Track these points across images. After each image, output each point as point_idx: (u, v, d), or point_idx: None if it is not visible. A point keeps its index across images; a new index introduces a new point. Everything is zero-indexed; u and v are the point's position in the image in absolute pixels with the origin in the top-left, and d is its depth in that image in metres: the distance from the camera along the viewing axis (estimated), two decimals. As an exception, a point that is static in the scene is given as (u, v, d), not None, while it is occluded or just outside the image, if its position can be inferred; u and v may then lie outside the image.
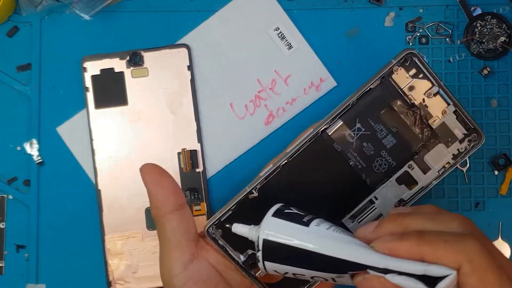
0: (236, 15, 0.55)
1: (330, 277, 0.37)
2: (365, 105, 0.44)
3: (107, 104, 0.54)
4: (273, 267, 0.38)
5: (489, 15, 0.54)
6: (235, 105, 0.55)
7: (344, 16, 0.55)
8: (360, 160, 0.45)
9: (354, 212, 0.46)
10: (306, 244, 0.37)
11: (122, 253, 0.54)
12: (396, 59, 0.44)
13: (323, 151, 0.45)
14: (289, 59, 0.54)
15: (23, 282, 0.54)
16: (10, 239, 0.54)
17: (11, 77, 0.55)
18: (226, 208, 0.44)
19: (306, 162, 0.45)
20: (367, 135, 0.44)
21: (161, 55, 0.54)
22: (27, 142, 0.55)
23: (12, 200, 0.54)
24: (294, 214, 0.39)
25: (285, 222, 0.38)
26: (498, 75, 0.55)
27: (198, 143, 0.54)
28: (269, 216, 0.39)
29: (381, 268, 0.35)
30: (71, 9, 0.53)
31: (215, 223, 0.44)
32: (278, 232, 0.38)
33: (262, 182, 0.45)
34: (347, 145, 0.45)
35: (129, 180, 0.54)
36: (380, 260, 0.35)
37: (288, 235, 0.37)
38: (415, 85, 0.45)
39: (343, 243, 0.37)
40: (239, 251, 0.44)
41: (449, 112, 0.45)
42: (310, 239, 0.37)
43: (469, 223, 0.37)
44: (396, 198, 0.46)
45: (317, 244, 0.36)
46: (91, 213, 0.54)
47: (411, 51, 0.44)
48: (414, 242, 0.35)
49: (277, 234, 0.38)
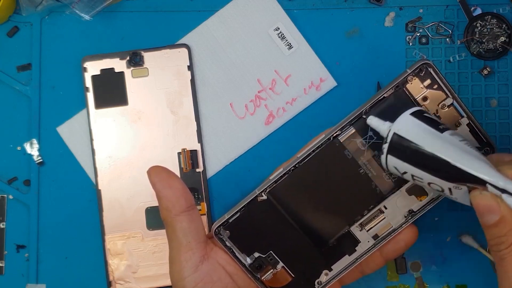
0: (236, 15, 0.55)
1: (447, 186, 0.38)
2: (378, 114, 0.44)
3: (107, 104, 0.54)
4: (395, 163, 0.39)
5: (489, 15, 0.54)
6: (235, 105, 0.55)
7: (344, 16, 0.55)
8: (371, 168, 0.45)
9: (363, 220, 0.46)
10: (435, 148, 0.37)
11: (122, 253, 0.54)
12: (411, 69, 0.44)
13: (334, 157, 0.45)
14: (289, 59, 0.54)
15: (23, 282, 0.54)
16: (10, 239, 0.54)
17: (11, 77, 0.55)
18: (235, 209, 0.44)
19: (317, 167, 0.45)
20: (378, 144, 0.44)
21: (161, 55, 0.54)
22: (27, 142, 0.55)
23: (12, 200, 0.54)
24: (431, 119, 0.39)
25: (420, 122, 0.38)
26: (498, 75, 0.55)
27: (198, 143, 0.54)
28: (407, 114, 0.39)
29: (500, 188, 0.35)
30: (71, 9, 0.53)
31: (223, 224, 0.44)
32: (411, 129, 0.38)
33: (272, 186, 0.45)
34: (358, 153, 0.45)
35: (129, 180, 0.54)
36: (502, 180, 0.36)
37: (420, 136, 0.38)
38: (429, 96, 0.45)
39: (471, 156, 0.37)
40: (246, 254, 0.44)
41: (462, 125, 0.45)
42: (440, 145, 0.37)
43: None
44: (405, 208, 0.45)
45: (446, 151, 0.37)
46: (91, 213, 0.54)
47: (426, 62, 0.44)
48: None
49: (410, 131, 0.38)
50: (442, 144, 0.37)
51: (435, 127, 0.38)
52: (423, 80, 0.44)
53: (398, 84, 0.44)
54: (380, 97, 0.44)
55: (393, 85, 0.44)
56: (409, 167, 0.38)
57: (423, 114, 0.39)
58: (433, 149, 0.37)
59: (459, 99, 0.44)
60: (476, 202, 0.37)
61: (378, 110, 0.43)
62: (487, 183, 0.36)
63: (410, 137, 0.38)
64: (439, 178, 0.38)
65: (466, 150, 0.38)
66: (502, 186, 0.35)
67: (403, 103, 0.44)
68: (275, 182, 0.44)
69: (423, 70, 0.44)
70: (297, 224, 0.45)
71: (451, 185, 0.38)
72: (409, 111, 0.39)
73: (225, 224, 0.44)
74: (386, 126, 0.40)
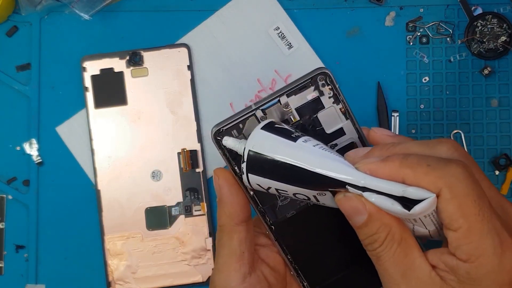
0: (236, 15, 0.55)
1: (312, 194, 0.37)
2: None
3: (107, 104, 0.54)
4: (257, 180, 0.38)
5: (490, 15, 0.54)
6: (235, 105, 0.54)
7: (344, 15, 0.55)
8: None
9: None
10: (289, 157, 0.36)
11: (122, 254, 0.53)
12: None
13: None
14: (289, 59, 0.54)
15: (23, 282, 0.54)
16: (10, 239, 0.54)
17: (10, 77, 0.55)
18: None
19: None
20: None
21: (161, 54, 0.54)
22: (27, 142, 0.54)
23: (11, 200, 0.54)
24: (284, 129, 0.38)
25: (273, 135, 0.37)
26: (499, 74, 0.54)
27: (198, 143, 0.54)
28: (258, 129, 0.38)
29: (360, 187, 0.34)
30: (70, 8, 0.53)
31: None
32: (263, 144, 0.37)
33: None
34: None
35: (128, 180, 0.54)
36: (360, 178, 0.34)
37: (273, 148, 0.37)
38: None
39: (326, 159, 0.36)
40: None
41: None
42: (294, 153, 0.36)
43: (458, 148, 0.36)
44: None
45: (300, 158, 0.36)
46: (91, 213, 0.54)
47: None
48: (397, 164, 0.34)
49: (262, 146, 0.37)
50: (296, 152, 0.36)
51: (287, 137, 0.37)
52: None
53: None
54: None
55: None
56: (270, 182, 0.37)
57: (274, 126, 0.38)
58: (287, 159, 0.36)
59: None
60: (341, 205, 0.35)
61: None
62: (346, 184, 0.35)
63: (265, 151, 0.37)
64: (301, 188, 0.36)
65: (322, 154, 0.36)
66: (362, 184, 0.34)
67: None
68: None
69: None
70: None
71: (315, 192, 0.36)
72: (260, 125, 0.38)
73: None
74: (242, 144, 0.39)
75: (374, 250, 0.35)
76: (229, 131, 0.40)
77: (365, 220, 0.35)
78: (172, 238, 0.54)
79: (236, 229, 0.41)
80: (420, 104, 0.54)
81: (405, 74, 0.55)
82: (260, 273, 0.42)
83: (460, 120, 0.54)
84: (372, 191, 0.34)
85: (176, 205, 0.54)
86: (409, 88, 0.55)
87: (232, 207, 0.41)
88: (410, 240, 0.35)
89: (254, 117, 0.40)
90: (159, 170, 0.54)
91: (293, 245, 0.42)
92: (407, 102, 0.55)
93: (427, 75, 0.55)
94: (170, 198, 0.54)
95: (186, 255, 0.54)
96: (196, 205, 0.54)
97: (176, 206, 0.54)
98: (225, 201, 0.41)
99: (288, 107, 0.40)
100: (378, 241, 0.35)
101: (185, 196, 0.54)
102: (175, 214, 0.54)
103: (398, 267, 0.35)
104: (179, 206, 0.54)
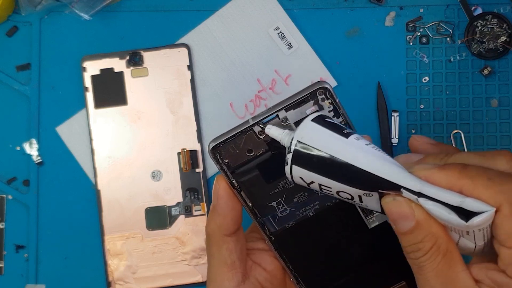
0: (236, 15, 0.55)
1: (357, 194, 0.35)
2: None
3: (107, 104, 0.54)
4: (301, 173, 0.36)
5: (490, 15, 0.54)
6: (235, 105, 0.54)
7: (344, 15, 0.55)
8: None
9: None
10: (341, 154, 0.34)
11: (122, 254, 0.53)
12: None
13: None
14: (289, 59, 0.54)
15: (23, 282, 0.54)
16: (10, 239, 0.54)
17: (10, 77, 0.55)
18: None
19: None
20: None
21: (161, 55, 0.54)
22: (27, 142, 0.54)
23: (11, 200, 0.54)
24: (335, 124, 0.36)
25: (324, 129, 0.35)
26: (499, 74, 0.54)
27: (198, 143, 0.54)
28: (308, 120, 0.36)
29: (416, 192, 0.33)
30: (70, 8, 0.53)
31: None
32: (314, 137, 0.35)
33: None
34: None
35: (128, 180, 0.54)
36: (417, 183, 0.33)
37: (325, 142, 0.35)
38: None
39: (380, 160, 0.34)
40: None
41: None
42: (347, 150, 0.34)
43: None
44: None
45: (353, 156, 0.34)
46: (91, 213, 0.54)
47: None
48: (456, 173, 0.33)
49: (312, 139, 0.35)
50: (350, 149, 0.34)
51: (340, 132, 0.35)
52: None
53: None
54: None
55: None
56: (316, 177, 0.35)
57: (326, 119, 0.36)
58: (340, 155, 0.34)
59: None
60: (388, 209, 0.34)
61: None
62: (402, 188, 0.33)
63: (315, 144, 0.35)
64: (349, 186, 0.35)
65: (375, 154, 0.35)
66: (418, 189, 0.33)
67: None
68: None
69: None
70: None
71: (362, 192, 0.35)
72: (310, 117, 0.36)
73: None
74: (287, 135, 0.37)
75: (416, 258, 0.35)
76: (230, 145, 0.39)
77: (412, 227, 0.34)
78: (172, 238, 0.54)
79: (225, 239, 0.40)
80: (420, 104, 0.54)
81: (405, 74, 0.55)
82: (255, 280, 0.42)
83: (460, 120, 0.54)
84: (427, 197, 0.33)
85: (176, 205, 0.54)
86: (409, 88, 0.55)
87: (224, 220, 0.40)
88: (455, 252, 0.34)
89: (252, 132, 0.39)
90: (159, 170, 0.54)
91: (293, 254, 0.42)
92: (407, 102, 0.55)
93: (427, 75, 0.55)
94: (170, 198, 0.54)
95: (186, 255, 0.54)
96: (196, 205, 0.54)
97: (176, 206, 0.54)
98: (219, 212, 0.40)
99: (287, 122, 0.39)
100: (422, 250, 0.34)
101: (185, 196, 0.54)
102: (175, 214, 0.54)
103: (441, 279, 0.34)
104: (179, 206, 0.54)
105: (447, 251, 0.34)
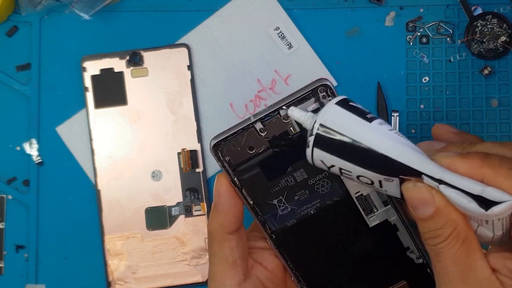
0: (236, 15, 0.55)
1: (378, 179, 0.35)
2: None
3: (107, 104, 0.54)
4: (322, 156, 0.36)
5: (490, 15, 0.54)
6: (235, 105, 0.54)
7: (344, 15, 0.55)
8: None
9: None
10: (364, 139, 0.34)
11: (122, 254, 0.54)
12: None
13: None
14: (289, 59, 0.54)
15: (23, 282, 0.54)
16: (10, 239, 0.54)
17: (10, 77, 0.55)
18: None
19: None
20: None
21: (161, 55, 0.54)
22: (27, 142, 0.54)
23: (11, 200, 0.54)
24: (358, 108, 0.36)
25: (348, 112, 0.35)
26: (499, 74, 0.54)
27: (198, 143, 0.54)
28: (332, 104, 0.36)
29: (436, 179, 0.33)
30: (70, 8, 0.53)
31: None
32: (336, 120, 0.35)
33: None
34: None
35: (128, 180, 0.54)
36: (438, 170, 0.33)
37: (347, 126, 0.35)
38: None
39: (403, 146, 0.34)
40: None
41: None
42: (370, 135, 0.34)
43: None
44: None
45: (376, 141, 0.34)
46: (91, 213, 0.54)
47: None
48: (478, 162, 0.33)
49: (335, 122, 0.35)
50: (373, 134, 0.34)
51: (363, 117, 0.35)
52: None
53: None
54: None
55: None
56: (337, 160, 0.35)
57: (349, 103, 0.36)
58: (363, 140, 0.34)
59: None
60: (409, 194, 0.34)
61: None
62: (423, 174, 0.33)
63: (338, 128, 0.35)
64: (370, 171, 0.35)
65: (398, 140, 0.35)
66: (439, 177, 0.33)
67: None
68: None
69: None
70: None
71: (382, 177, 0.35)
72: (334, 100, 0.36)
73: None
74: (309, 117, 0.37)
75: (435, 245, 0.35)
76: (232, 142, 0.39)
77: (431, 213, 0.34)
78: (172, 238, 0.54)
79: (227, 237, 0.40)
80: (420, 104, 0.55)
81: (405, 74, 0.55)
82: (256, 278, 0.42)
83: (460, 120, 0.54)
84: (447, 185, 0.33)
85: (176, 205, 0.54)
86: (409, 88, 0.55)
87: (226, 218, 0.40)
88: (473, 240, 0.34)
89: (254, 129, 0.39)
90: (159, 170, 0.54)
91: (293, 252, 0.42)
92: (407, 102, 0.55)
93: (427, 75, 0.55)
94: (170, 198, 0.54)
95: (186, 255, 0.54)
96: (196, 205, 0.54)
97: (176, 206, 0.54)
98: (221, 210, 0.40)
99: (288, 119, 0.39)
100: (441, 236, 0.34)
101: (185, 196, 0.54)
102: (175, 214, 0.54)
103: (459, 266, 0.34)
104: (179, 206, 0.54)
105: (466, 239, 0.34)
